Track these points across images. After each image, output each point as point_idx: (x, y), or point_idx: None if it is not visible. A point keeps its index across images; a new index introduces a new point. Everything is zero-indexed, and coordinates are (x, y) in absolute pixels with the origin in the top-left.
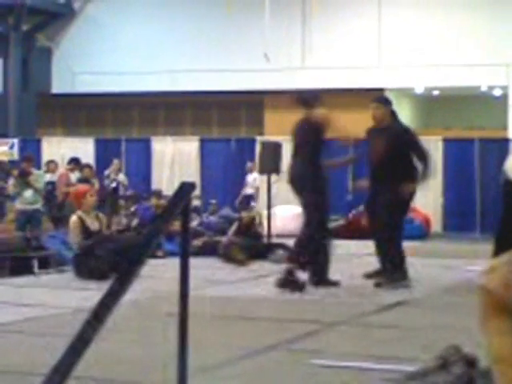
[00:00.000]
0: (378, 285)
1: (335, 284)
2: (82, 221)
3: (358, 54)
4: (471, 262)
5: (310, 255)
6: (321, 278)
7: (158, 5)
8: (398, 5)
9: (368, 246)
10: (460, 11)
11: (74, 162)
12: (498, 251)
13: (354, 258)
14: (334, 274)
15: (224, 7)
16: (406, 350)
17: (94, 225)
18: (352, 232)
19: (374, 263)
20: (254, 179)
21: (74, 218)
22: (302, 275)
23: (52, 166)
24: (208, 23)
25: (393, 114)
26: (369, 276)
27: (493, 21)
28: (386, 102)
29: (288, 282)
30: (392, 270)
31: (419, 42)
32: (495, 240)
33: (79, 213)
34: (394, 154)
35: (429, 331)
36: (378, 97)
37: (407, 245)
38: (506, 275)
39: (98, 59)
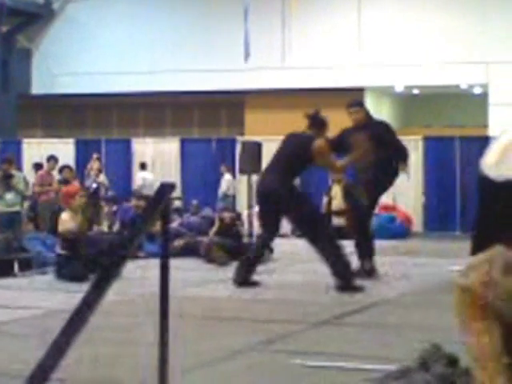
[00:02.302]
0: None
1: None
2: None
3: (337, 53)
4: (452, 260)
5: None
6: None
7: (138, 5)
8: (378, 4)
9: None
10: (439, 10)
11: (53, 160)
12: (476, 249)
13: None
14: (312, 274)
15: (204, 7)
16: (387, 349)
17: (79, 226)
18: None
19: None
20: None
21: (64, 215)
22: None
23: (37, 168)
24: (188, 23)
25: (367, 113)
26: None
27: (472, 19)
28: (362, 105)
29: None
30: None
31: (399, 40)
32: (472, 238)
33: (67, 212)
34: (379, 148)
35: (410, 330)
36: (354, 101)
37: (388, 244)
38: (485, 274)
39: (77, 60)
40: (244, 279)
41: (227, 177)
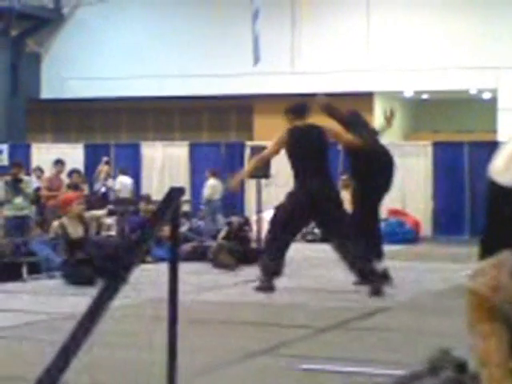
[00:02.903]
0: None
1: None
2: (63, 227)
3: (347, 58)
4: (462, 265)
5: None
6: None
7: (147, 10)
8: (387, 9)
9: None
10: (449, 15)
11: (60, 164)
12: (484, 254)
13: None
14: (321, 278)
15: (213, 12)
16: (395, 354)
17: (77, 232)
18: None
19: None
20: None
21: (55, 224)
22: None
23: (38, 172)
24: (197, 28)
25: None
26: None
27: (482, 24)
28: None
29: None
30: None
31: (408, 45)
32: (481, 243)
33: (63, 219)
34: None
35: (418, 335)
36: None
37: (398, 248)
38: (494, 278)
39: (87, 64)
40: (271, 285)
41: (211, 182)
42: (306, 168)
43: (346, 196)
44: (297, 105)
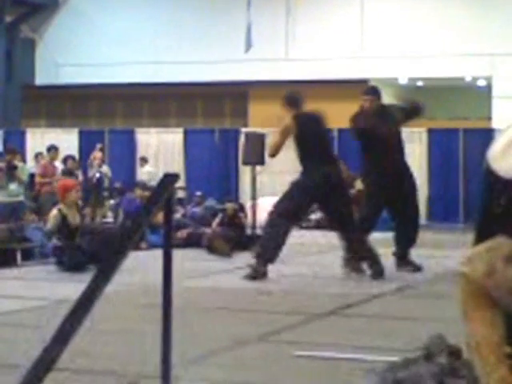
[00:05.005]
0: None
1: None
2: (63, 215)
3: (341, 44)
4: (455, 251)
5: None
6: None
7: None
8: None
9: None
10: (444, 2)
11: (54, 150)
12: (478, 241)
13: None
14: (317, 265)
15: None
16: (390, 340)
17: (75, 220)
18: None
19: None
20: None
21: (54, 212)
22: None
23: (39, 158)
24: (192, 14)
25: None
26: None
27: (476, 11)
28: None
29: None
30: None
31: (403, 32)
32: (475, 233)
33: (61, 206)
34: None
35: (412, 321)
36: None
37: (391, 235)
38: (488, 263)
39: (81, 50)
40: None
41: (147, 168)
42: (314, 154)
43: None
44: (291, 96)
